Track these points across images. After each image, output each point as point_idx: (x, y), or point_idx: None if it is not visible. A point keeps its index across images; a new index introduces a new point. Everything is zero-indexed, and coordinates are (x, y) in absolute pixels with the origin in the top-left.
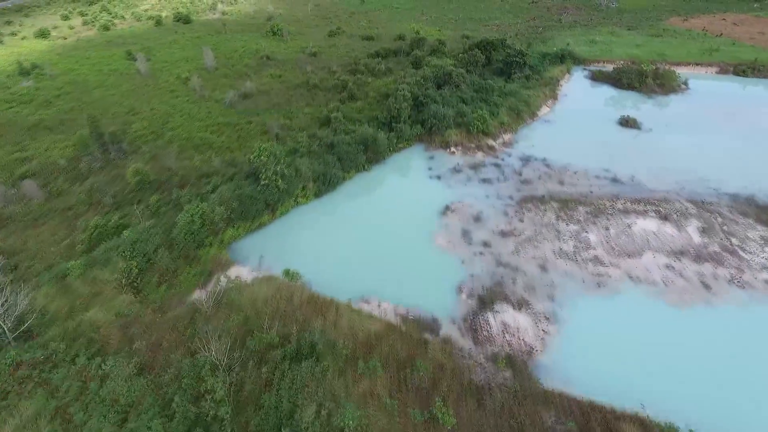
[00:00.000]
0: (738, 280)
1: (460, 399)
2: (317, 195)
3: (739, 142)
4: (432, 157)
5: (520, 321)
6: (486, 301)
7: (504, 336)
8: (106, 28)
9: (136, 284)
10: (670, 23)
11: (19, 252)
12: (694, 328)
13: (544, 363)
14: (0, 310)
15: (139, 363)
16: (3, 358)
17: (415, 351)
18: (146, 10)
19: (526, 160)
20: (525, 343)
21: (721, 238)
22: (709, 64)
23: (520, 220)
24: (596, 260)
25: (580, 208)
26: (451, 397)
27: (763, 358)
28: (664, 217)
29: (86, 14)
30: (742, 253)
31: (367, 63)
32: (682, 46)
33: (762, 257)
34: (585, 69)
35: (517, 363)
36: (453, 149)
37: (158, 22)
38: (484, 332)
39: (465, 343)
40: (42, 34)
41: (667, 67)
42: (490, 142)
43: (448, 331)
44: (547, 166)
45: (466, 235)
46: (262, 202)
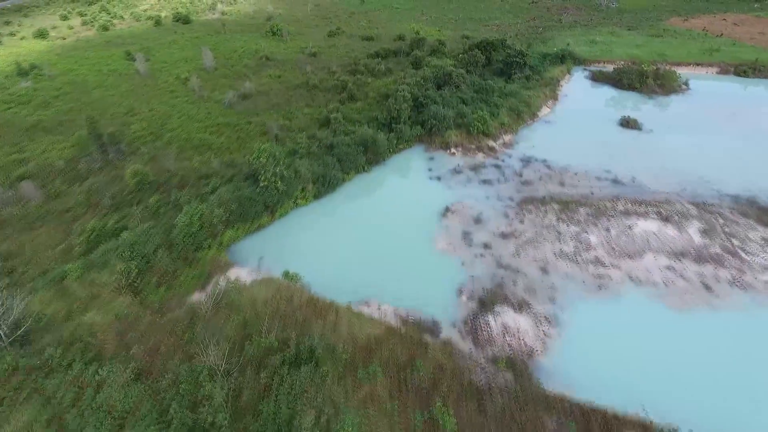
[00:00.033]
0: (739, 282)
1: (461, 400)
2: (317, 196)
3: (740, 143)
4: (432, 158)
5: (521, 323)
6: (486, 303)
7: (504, 338)
8: (105, 29)
9: (135, 285)
10: (670, 23)
11: (16, 255)
12: (695, 330)
13: (544, 365)
14: None
15: (137, 368)
16: None
17: (416, 353)
18: (145, 10)
19: (527, 161)
20: (525, 344)
21: (722, 240)
22: (710, 65)
23: (521, 222)
24: (597, 261)
25: (581, 210)
26: (451, 398)
27: (766, 360)
28: (665, 219)
29: (85, 14)
30: (743, 255)
31: (367, 63)
32: (683, 47)
33: (763, 258)
34: (585, 69)
35: (518, 365)
36: (453, 150)
37: (157, 23)
38: (485, 334)
39: (465, 345)
40: (41, 35)
41: (668, 68)
42: (491, 143)
43: (449, 333)
44: (548, 167)
45: (467, 236)
46: (261, 203)
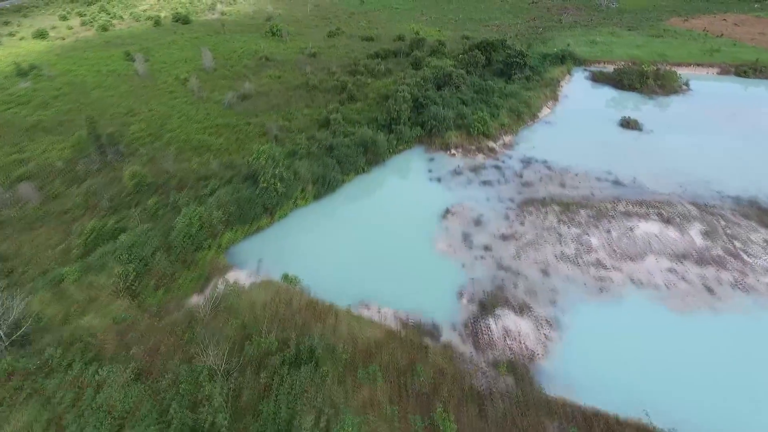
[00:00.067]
0: (741, 284)
1: (461, 405)
2: (316, 198)
3: (741, 144)
4: (432, 159)
5: (522, 326)
6: (487, 306)
7: (505, 341)
8: (105, 29)
9: (133, 288)
10: (670, 24)
11: (15, 256)
12: (697, 333)
13: (546, 368)
14: None
15: (136, 369)
16: None
17: (416, 357)
18: (145, 11)
19: (527, 162)
20: (527, 348)
21: (724, 241)
22: (710, 65)
23: (521, 224)
24: (598, 264)
25: (582, 211)
26: (451, 403)
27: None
28: (666, 220)
29: (85, 15)
30: (745, 257)
31: (367, 64)
32: (683, 47)
33: (765, 260)
34: (585, 70)
35: (519, 368)
36: (453, 151)
37: (157, 23)
38: (486, 337)
39: (466, 349)
40: (40, 35)
41: (668, 68)
42: (491, 144)
43: (449, 336)
44: (548, 168)
45: (467, 238)
46: (260, 205)
